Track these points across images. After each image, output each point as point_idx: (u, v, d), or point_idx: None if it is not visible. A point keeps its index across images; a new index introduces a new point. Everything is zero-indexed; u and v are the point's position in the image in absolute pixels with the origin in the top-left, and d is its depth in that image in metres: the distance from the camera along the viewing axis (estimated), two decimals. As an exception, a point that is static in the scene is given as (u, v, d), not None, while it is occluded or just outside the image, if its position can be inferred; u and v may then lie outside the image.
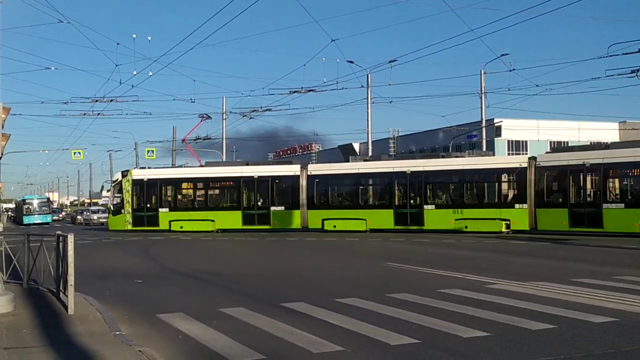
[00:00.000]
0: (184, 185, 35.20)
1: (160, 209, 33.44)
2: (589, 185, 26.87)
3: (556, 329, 8.24)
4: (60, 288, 10.63)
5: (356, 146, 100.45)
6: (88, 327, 8.49)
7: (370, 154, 44.04)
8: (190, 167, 38.35)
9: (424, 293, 11.24)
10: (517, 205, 27.97)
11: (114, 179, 35.84)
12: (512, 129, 65.33)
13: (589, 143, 73.97)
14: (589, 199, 26.40)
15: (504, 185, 30.06)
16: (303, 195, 32.21)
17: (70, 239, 9.64)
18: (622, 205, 25.29)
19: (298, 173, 32.84)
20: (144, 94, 47.67)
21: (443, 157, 32.28)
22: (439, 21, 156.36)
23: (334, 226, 30.82)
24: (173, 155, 59.54)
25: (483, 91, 43.23)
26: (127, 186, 33.74)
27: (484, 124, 45.42)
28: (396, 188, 31.08)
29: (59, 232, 11.40)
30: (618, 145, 29.39)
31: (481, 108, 43.89)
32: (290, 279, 14.17)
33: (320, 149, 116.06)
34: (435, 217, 29.49)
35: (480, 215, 28.48)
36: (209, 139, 55.40)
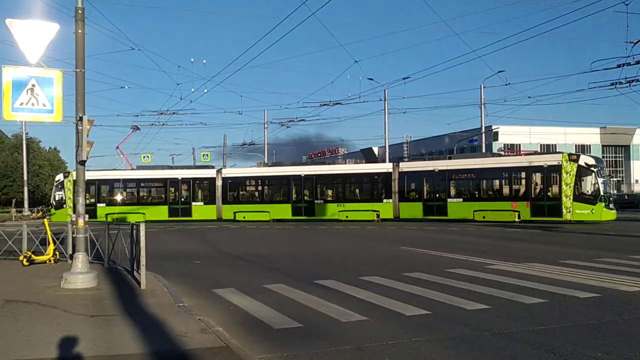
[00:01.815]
0: (119, 184, 35.53)
1: (98, 204, 34.10)
2: (437, 185, 30.51)
3: (547, 303, 8.15)
4: (134, 267, 10.80)
5: (375, 150, 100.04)
6: (157, 299, 8.60)
7: (387, 156, 43.95)
8: (124, 169, 38.38)
9: (434, 272, 11.17)
10: (385, 200, 31.36)
11: (57, 179, 35.67)
12: (507, 134, 64.46)
13: (574, 145, 72.68)
14: (437, 195, 30.29)
15: (375, 185, 32.50)
16: (218, 193, 33.91)
17: (142, 227, 9.75)
18: (461, 199, 29.65)
19: (214, 175, 34.47)
20: (200, 108, 48.84)
21: (329, 164, 36.16)
22: (446, 44, 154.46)
23: (244, 217, 32.92)
24: (224, 158, 60.02)
25: (482, 102, 42.95)
26: (68, 185, 34.01)
27: (483, 130, 45.02)
28: (293, 187, 33.20)
29: (132, 222, 11.56)
30: (457, 157, 34.07)
31: (481, 116, 43.57)
32: (321, 260, 14.15)
33: (345, 152, 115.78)
34: (322, 209, 32.38)
35: (357, 208, 31.63)
36: (253, 144, 55.71)
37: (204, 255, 15.70)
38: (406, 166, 32.34)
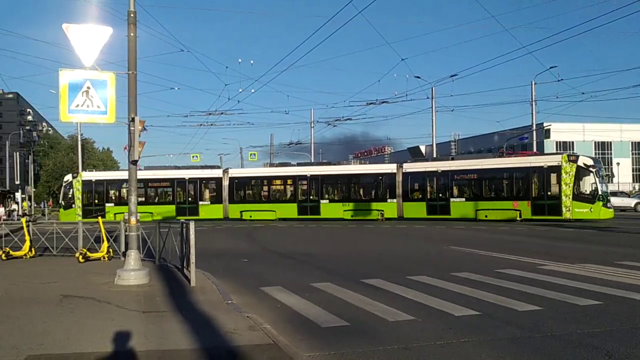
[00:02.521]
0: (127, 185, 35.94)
1: (106, 204, 34.83)
2: (440, 186, 31.14)
3: (602, 305, 7.90)
4: (184, 265, 11.04)
5: (422, 148, 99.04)
6: (206, 296, 8.76)
7: (434, 155, 43.57)
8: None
9: (483, 272, 11.00)
10: (389, 200, 32.08)
11: (65, 180, 36.09)
12: (560, 131, 62.85)
13: (630, 142, 70.09)
14: (440, 195, 30.92)
15: (379, 186, 33.42)
16: (225, 193, 34.74)
17: (192, 225, 9.95)
18: (464, 199, 30.32)
19: (221, 175, 35.29)
20: (247, 108, 49.72)
21: (334, 164, 35.63)
22: (495, 40, 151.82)
23: (250, 216, 33.40)
24: (270, 158, 60.53)
25: (533, 99, 42.05)
26: (77, 186, 34.79)
27: (534, 127, 44.04)
28: (299, 187, 34.12)
29: (182, 220, 11.82)
30: (460, 157, 34.76)
31: (532, 114, 42.65)
32: (367, 259, 14.13)
33: (392, 151, 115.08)
34: (329, 208, 33.01)
35: (362, 207, 32.50)
36: (300, 143, 56.07)
37: (251, 253, 15.90)
38: (410, 167, 32.82)
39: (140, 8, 10.51)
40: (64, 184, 36.12)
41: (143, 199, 35.52)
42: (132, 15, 10.30)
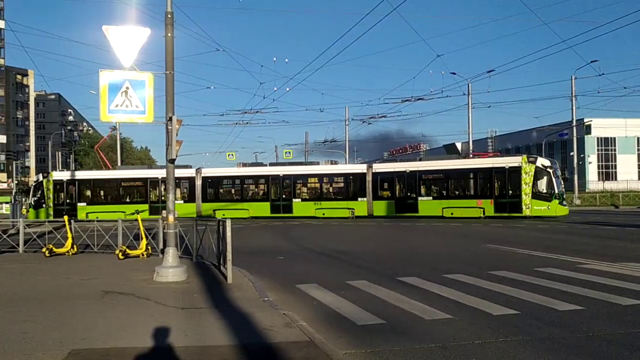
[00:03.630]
0: (100, 184, 36.14)
1: (78, 204, 34.79)
2: (409, 185, 32.25)
3: (646, 305, 7.70)
4: (221, 262, 11.17)
5: (458, 145, 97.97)
6: (243, 293, 8.85)
7: (471, 152, 43.05)
8: (105, 170, 38.79)
9: (521, 271, 10.83)
10: (359, 199, 33.00)
11: (35, 180, 36.02)
12: (601, 127, 61.37)
13: None
14: (409, 194, 32.12)
15: (350, 185, 34.22)
16: (198, 192, 34.91)
17: (228, 223, 10.06)
18: (431, 198, 31.71)
19: (194, 174, 35.17)
20: (282, 106, 49.93)
21: (306, 164, 36.21)
22: (533, 34, 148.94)
23: (223, 214, 32.60)
24: (305, 156, 60.77)
25: (573, 94, 41.19)
26: (48, 185, 34.83)
27: (574, 123, 43.11)
28: (272, 186, 34.59)
29: (219, 218, 11.96)
30: (428, 158, 36.09)
31: (572, 109, 41.83)
32: (403, 257, 14.04)
33: (427, 148, 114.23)
34: (301, 207, 33.72)
35: (333, 206, 33.39)
36: (335, 141, 56.16)
37: (286, 250, 15.98)
38: (379, 167, 34.19)
39: (177, 9, 10.67)
40: (34, 184, 36.24)
41: (116, 198, 35.79)
42: (169, 16, 10.46)
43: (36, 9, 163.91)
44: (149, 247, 13.99)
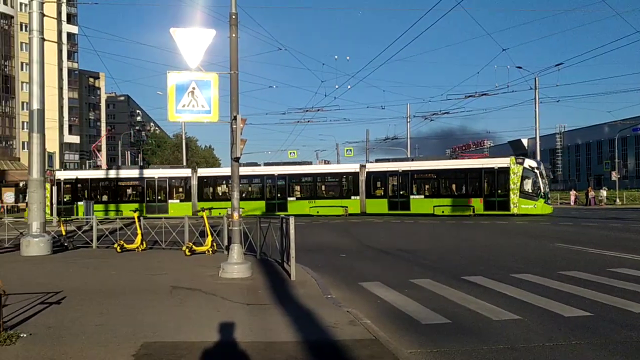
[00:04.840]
0: (98, 184, 36.68)
1: (77, 202, 35.20)
2: (401, 184, 33.68)
3: None
4: (284, 259, 11.29)
5: (524, 141, 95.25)
6: (306, 290, 8.91)
7: (538, 148, 41.90)
8: (103, 169, 39.52)
9: (594, 271, 10.42)
10: (353, 197, 34.36)
11: None
12: (680, 120, 58.16)
13: None
14: (401, 192, 33.55)
15: (344, 184, 35.53)
16: (194, 191, 35.79)
17: (292, 220, 10.15)
18: (423, 196, 33.01)
19: (189, 174, 36.18)
20: (343, 104, 49.92)
21: (301, 164, 36.90)
22: (605, 25, 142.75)
23: (219, 213, 32.32)
24: (366, 153, 60.56)
25: (649, 86, 39.16)
26: (46, 185, 34.84)
27: (649, 117, 41.01)
28: (267, 185, 35.75)
29: (282, 215, 12.08)
30: (420, 158, 37.13)
31: (647, 102, 39.75)
32: (467, 256, 13.76)
33: (492, 144, 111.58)
34: (296, 205, 34.67)
35: (327, 204, 34.39)
36: (396, 138, 55.71)
37: (348, 248, 15.98)
38: (372, 167, 35.20)
39: (240, 9, 10.83)
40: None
41: (114, 197, 36.43)
42: (233, 17, 10.64)
43: (106, 14, 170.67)
44: (214, 244, 14.30)
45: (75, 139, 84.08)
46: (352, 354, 5.44)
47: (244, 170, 36.73)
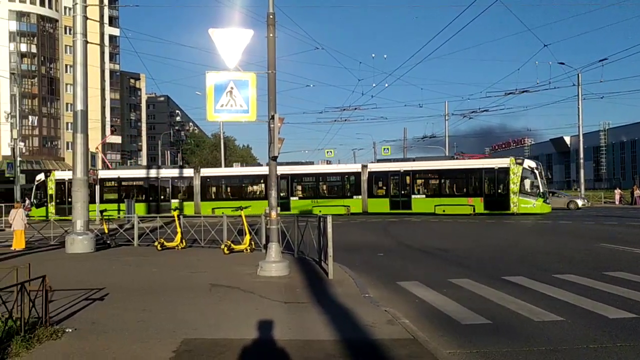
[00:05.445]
0: (106, 184, 36.23)
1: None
2: (403, 183, 34.07)
3: None
4: (322, 258, 11.31)
5: (567, 139, 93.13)
6: (344, 289, 8.91)
7: (581, 145, 40.94)
8: (109, 170, 38.97)
9: (640, 272, 10.12)
10: (355, 197, 34.72)
11: (38, 179, 36.33)
12: None
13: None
14: (402, 192, 33.99)
15: (346, 184, 35.85)
16: (197, 191, 35.94)
17: (329, 219, 10.17)
18: (424, 196, 33.47)
19: (192, 174, 36.39)
20: (380, 102, 49.81)
21: (303, 164, 36.89)
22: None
23: (222, 213, 31.44)
24: (404, 152, 60.14)
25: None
26: (50, 185, 35.36)
27: (699, 112, 39.65)
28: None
29: (320, 214, 12.11)
30: (421, 159, 37.02)
31: (696, 98, 38.40)
32: (507, 255, 13.52)
33: (532, 142, 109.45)
34: (298, 204, 34.91)
35: (329, 203, 34.55)
36: (434, 137, 55.18)
37: (385, 247, 15.90)
38: (374, 167, 35.58)
39: (277, 9, 10.90)
40: (36, 183, 36.94)
41: (118, 197, 36.34)
42: (271, 16, 10.71)
43: (146, 15, 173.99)
44: (252, 243, 14.43)
45: (117, 139, 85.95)
46: (390, 354, 5.42)
47: (247, 170, 37.61)
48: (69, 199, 37.36)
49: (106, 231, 17.22)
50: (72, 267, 12.30)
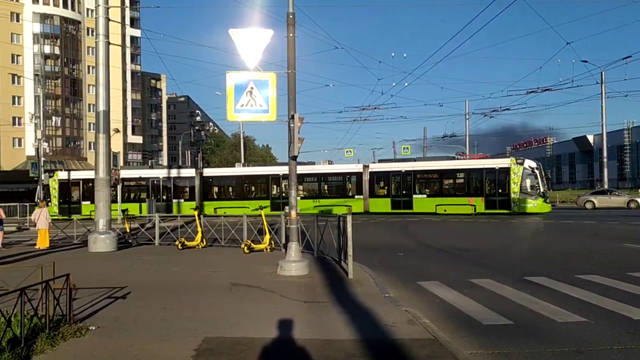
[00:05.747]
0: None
1: (82, 202, 35.47)
2: (404, 183, 34.34)
3: None
4: (341, 257, 11.31)
5: (590, 138, 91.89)
6: (363, 289, 8.90)
7: (604, 144, 40.36)
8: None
9: (665, 273, 9.94)
10: (356, 197, 34.94)
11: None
12: None
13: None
14: (404, 192, 34.26)
15: (347, 184, 36.08)
16: (199, 191, 36.16)
17: (349, 219, 10.16)
18: (425, 195, 33.66)
19: (194, 175, 36.48)
20: (400, 102, 49.65)
21: (305, 164, 36.02)
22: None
23: (224, 212, 32.10)
24: (424, 151, 59.90)
25: None
26: (53, 184, 35.67)
27: None
28: (272, 185, 36.10)
29: (339, 214, 12.11)
30: (422, 159, 38.03)
31: None
32: (529, 255, 13.39)
33: (555, 141, 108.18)
34: (300, 204, 35.16)
35: (332, 203, 34.47)
36: (454, 136, 54.86)
37: (406, 247, 15.82)
38: (375, 167, 35.75)
39: (297, 9, 10.91)
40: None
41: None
42: (290, 16, 10.73)
43: (167, 16, 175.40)
44: (272, 242, 14.49)
45: (138, 139, 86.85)
46: (410, 354, 5.40)
47: (249, 170, 37.58)
48: (73, 198, 37.66)
49: (128, 230, 17.41)
50: (94, 265, 12.46)
